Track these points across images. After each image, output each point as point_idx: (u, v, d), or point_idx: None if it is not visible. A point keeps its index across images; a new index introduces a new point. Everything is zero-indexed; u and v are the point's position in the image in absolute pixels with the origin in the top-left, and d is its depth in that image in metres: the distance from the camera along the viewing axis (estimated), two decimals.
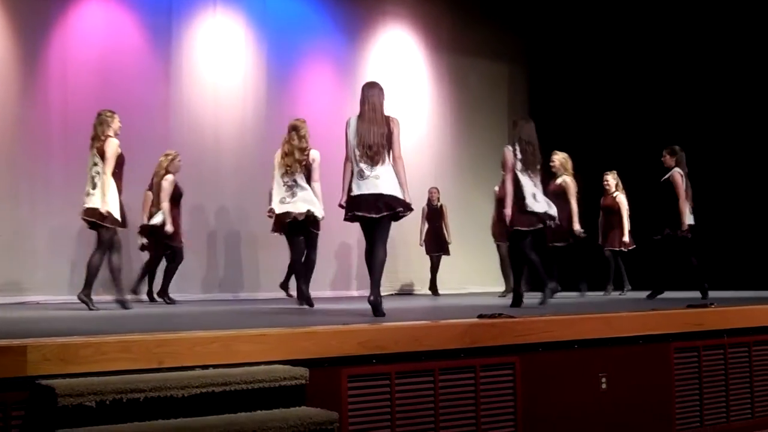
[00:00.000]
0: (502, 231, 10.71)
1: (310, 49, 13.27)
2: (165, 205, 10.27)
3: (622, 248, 11.54)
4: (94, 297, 8.56)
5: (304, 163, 8.83)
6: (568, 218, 10.57)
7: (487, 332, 5.59)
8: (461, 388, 5.44)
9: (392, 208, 6.65)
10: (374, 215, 6.62)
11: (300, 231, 8.89)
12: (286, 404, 4.47)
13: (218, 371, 4.41)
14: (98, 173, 8.38)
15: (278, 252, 11.43)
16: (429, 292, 12.87)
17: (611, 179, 11.74)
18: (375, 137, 6.73)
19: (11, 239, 10.51)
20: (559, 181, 10.88)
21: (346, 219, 6.86)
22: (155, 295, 10.54)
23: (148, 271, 10.63)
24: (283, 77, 12.93)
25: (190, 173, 11.37)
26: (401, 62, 14.31)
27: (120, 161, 8.52)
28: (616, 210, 11.59)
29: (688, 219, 9.70)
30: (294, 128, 8.99)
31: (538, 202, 8.04)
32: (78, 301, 8.50)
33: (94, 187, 8.39)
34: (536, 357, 5.80)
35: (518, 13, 15.19)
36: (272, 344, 4.71)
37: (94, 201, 8.35)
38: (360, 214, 6.65)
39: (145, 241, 10.59)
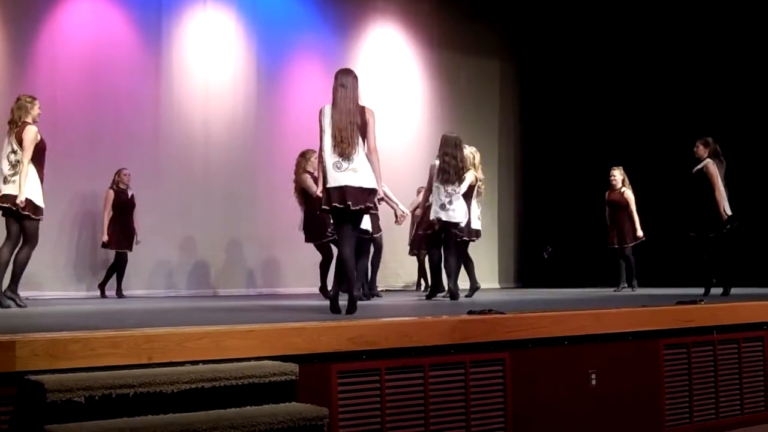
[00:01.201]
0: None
1: (300, 45, 13.26)
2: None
3: (635, 242, 11.55)
4: (87, 292, 8.52)
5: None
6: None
7: (476, 328, 5.59)
8: (451, 384, 5.44)
9: (370, 201, 6.52)
10: (352, 207, 6.43)
11: None
12: (276, 400, 4.47)
13: (208, 367, 4.40)
14: (17, 161, 8.06)
15: (265, 248, 11.48)
16: (422, 290, 12.79)
17: (618, 174, 11.71)
18: (349, 127, 6.49)
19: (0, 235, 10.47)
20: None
21: (323, 211, 6.62)
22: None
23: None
24: (273, 73, 12.91)
25: (179, 168, 11.36)
26: (391, 59, 14.30)
27: (40, 148, 8.23)
28: (624, 205, 11.57)
29: (728, 210, 9.59)
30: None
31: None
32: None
33: (13, 175, 8.05)
34: (526, 353, 5.80)
35: (508, 10, 15.21)
36: (262, 340, 4.70)
37: (11, 188, 8.04)
38: (340, 206, 6.43)
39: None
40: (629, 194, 11.63)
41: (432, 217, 9.21)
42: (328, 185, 6.46)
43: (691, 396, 6.69)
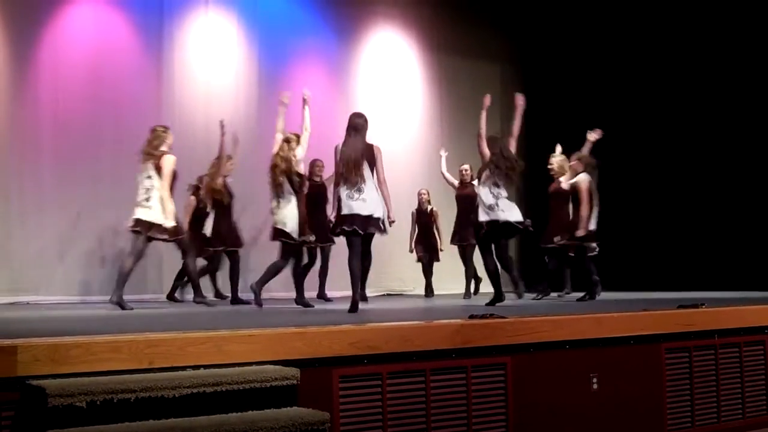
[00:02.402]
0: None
1: (301, 49, 13.27)
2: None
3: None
4: (97, 297, 8.68)
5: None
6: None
7: (478, 332, 5.59)
8: (453, 389, 5.44)
9: (376, 227, 7.68)
10: (361, 232, 7.61)
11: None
12: (278, 404, 4.47)
13: (209, 371, 4.40)
14: (153, 186, 8.88)
15: (266, 252, 11.43)
16: (422, 293, 12.78)
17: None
18: (358, 163, 7.60)
19: (1, 239, 10.49)
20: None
21: (333, 233, 8.03)
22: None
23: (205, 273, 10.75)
24: (275, 77, 12.91)
25: (181, 172, 11.33)
26: (392, 63, 14.31)
27: (176, 175, 9.09)
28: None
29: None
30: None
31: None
32: (110, 302, 8.63)
33: (148, 199, 8.86)
34: (528, 357, 5.80)
35: (510, 14, 15.20)
36: (263, 344, 4.70)
37: (151, 214, 8.83)
38: (348, 229, 7.60)
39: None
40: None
41: (481, 219, 8.57)
42: (342, 212, 7.65)
43: (692, 400, 6.69)
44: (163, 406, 4.13)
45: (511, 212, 8.52)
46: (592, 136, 10.42)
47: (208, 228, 10.36)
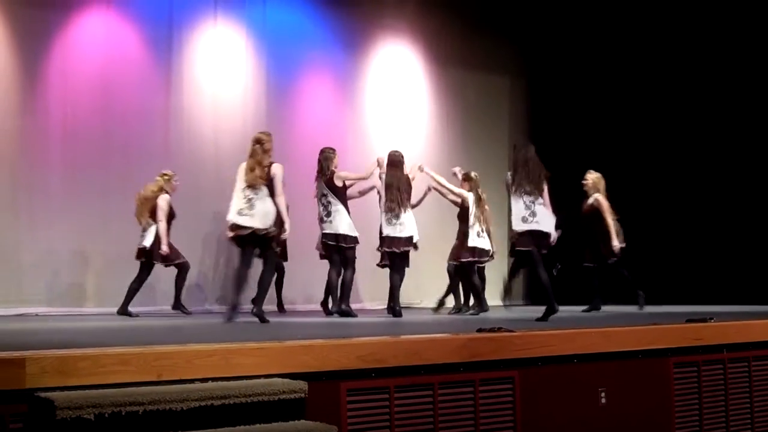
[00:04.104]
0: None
1: (309, 61, 13.29)
2: (162, 225, 10.29)
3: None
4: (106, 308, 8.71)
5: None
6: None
7: (486, 346, 5.58)
8: (460, 402, 5.42)
9: (409, 246, 10.02)
10: (397, 251, 10.01)
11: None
12: (285, 418, 4.46)
13: (217, 384, 4.39)
14: (329, 203, 9.88)
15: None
16: (428, 306, 12.73)
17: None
18: (401, 194, 9.98)
19: (10, 250, 10.51)
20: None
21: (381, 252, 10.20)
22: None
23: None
24: (283, 89, 12.94)
25: (189, 184, 11.37)
26: (400, 75, 14.32)
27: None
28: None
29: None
30: (257, 141, 8.81)
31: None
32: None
33: (328, 215, 9.88)
34: (535, 371, 5.79)
35: (518, 26, 15.20)
36: (271, 357, 4.70)
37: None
38: (388, 250, 10.05)
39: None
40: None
41: (516, 229, 8.34)
42: (383, 234, 9.79)
43: (701, 415, 6.66)
44: (171, 419, 4.13)
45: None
46: None
47: None
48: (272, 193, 8.45)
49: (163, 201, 10.38)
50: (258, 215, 8.38)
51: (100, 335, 6.31)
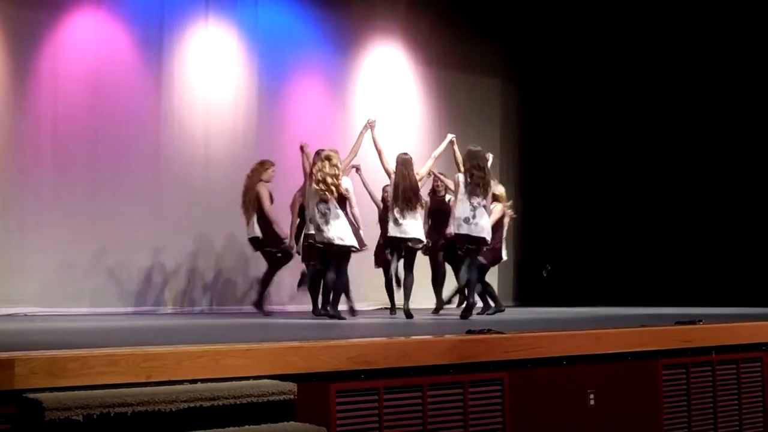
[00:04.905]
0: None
1: (301, 63, 13.29)
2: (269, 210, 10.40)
3: None
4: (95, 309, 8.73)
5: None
6: None
7: (475, 348, 5.59)
8: (450, 404, 5.43)
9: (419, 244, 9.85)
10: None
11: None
12: (275, 419, 4.47)
13: (206, 386, 4.40)
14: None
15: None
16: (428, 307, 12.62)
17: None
18: (411, 198, 9.57)
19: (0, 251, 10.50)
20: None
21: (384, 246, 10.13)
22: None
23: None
24: (274, 91, 12.93)
25: (180, 185, 11.37)
26: (392, 77, 14.33)
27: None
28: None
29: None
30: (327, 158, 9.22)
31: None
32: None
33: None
34: (525, 373, 5.80)
35: (510, 29, 15.22)
36: (260, 359, 4.70)
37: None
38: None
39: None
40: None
41: (452, 230, 9.23)
42: (389, 234, 9.57)
43: (689, 416, 6.69)
44: (159, 420, 4.13)
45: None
46: None
47: None
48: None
49: (263, 188, 10.39)
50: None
51: (89, 336, 6.30)
